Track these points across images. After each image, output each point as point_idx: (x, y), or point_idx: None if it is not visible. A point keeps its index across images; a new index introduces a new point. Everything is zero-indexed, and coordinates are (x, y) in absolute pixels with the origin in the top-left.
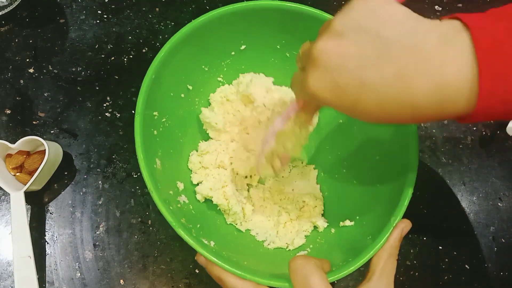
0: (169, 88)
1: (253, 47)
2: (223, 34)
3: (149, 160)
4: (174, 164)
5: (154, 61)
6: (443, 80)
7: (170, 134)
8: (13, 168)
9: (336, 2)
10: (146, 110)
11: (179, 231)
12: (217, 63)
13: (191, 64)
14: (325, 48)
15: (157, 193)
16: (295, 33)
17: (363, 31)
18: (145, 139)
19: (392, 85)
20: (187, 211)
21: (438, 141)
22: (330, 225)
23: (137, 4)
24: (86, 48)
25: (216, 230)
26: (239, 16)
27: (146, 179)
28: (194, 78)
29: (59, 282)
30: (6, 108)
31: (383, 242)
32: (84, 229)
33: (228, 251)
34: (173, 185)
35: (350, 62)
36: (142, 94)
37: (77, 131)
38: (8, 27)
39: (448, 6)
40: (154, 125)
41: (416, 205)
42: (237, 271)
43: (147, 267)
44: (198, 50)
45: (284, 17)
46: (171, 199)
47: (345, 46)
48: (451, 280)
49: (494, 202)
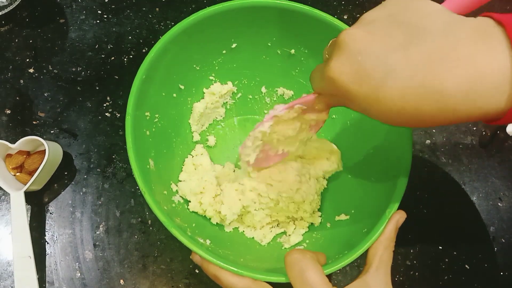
0: (160, 88)
1: (244, 45)
2: (214, 33)
3: (142, 160)
4: (168, 164)
5: (144, 62)
6: (477, 70)
7: (163, 134)
8: (13, 168)
9: (336, 2)
10: (137, 110)
11: (172, 230)
12: (208, 62)
13: (182, 63)
14: (352, 32)
15: (150, 193)
16: (286, 30)
17: (394, 20)
18: (137, 140)
19: (419, 69)
20: (182, 210)
21: (438, 141)
22: (326, 219)
23: (137, 4)
24: (86, 48)
25: (212, 229)
26: (230, 14)
27: (138, 180)
28: (185, 77)
29: (59, 282)
30: (6, 108)
31: (378, 234)
32: (84, 229)
33: (224, 249)
34: (167, 185)
35: (377, 45)
36: (133, 95)
37: (77, 131)
38: (8, 27)
39: None
40: (146, 125)
41: (416, 205)
42: (233, 268)
43: (147, 267)
44: (189, 49)
45: (275, 14)
46: (166, 199)
47: (373, 31)
48: (451, 280)
49: (494, 202)
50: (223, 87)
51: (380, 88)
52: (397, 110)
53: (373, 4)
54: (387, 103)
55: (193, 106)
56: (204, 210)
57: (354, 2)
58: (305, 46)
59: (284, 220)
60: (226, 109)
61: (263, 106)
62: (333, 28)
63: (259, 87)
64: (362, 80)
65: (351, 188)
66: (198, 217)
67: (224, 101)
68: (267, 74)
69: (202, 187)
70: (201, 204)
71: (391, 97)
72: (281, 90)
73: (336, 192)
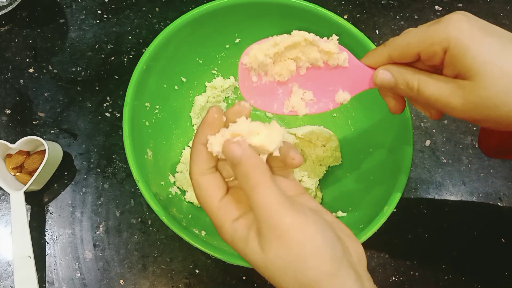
0: (161, 80)
1: (248, 40)
2: (218, 27)
3: (139, 150)
4: (167, 155)
5: (146, 52)
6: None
7: (163, 125)
8: (13, 168)
9: (336, 2)
10: (136, 100)
11: (164, 218)
12: (211, 56)
13: (185, 56)
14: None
15: (143, 182)
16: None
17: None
18: (135, 129)
19: None
20: (178, 201)
21: (438, 141)
22: None
23: (137, 4)
24: (86, 48)
25: (207, 220)
26: (234, 9)
27: (132, 168)
28: (188, 70)
29: (59, 282)
30: (6, 108)
31: (375, 230)
32: (84, 229)
33: (219, 240)
34: (165, 176)
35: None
36: (132, 84)
37: (77, 131)
38: (8, 27)
39: (448, 6)
40: (146, 116)
41: (416, 205)
42: (226, 258)
43: (147, 267)
44: (192, 42)
45: (279, 11)
46: (162, 190)
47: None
48: (451, 280)
49: (494, 202)
50: (225, 81)
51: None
52: None
53: (373, 3)
54: None
55: (194, 99)
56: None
57: (354, 2)
58: None
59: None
60: (227, 103)
61: None
62: (337, 27)
63: None
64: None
65: (349, 186)
66: (194, 208)
67: (226, 96)
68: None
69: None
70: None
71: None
72: None
73: (334, 190)
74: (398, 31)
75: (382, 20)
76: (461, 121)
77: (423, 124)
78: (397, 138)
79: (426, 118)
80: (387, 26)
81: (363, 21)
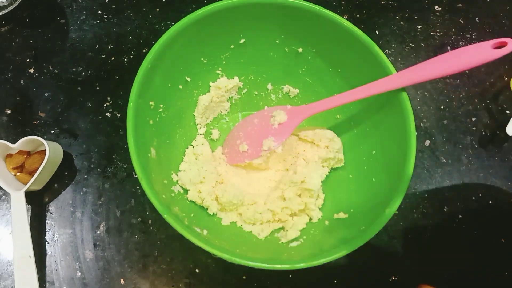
0: (166, 79)
1: (253, 41)
2: (223, 28)
3: (143, 148)
4: (170, 154)
5: (151, 52)
6: None
7: (166, 124)
8: (13, 168)
9: (336, 2)
10: (140, 98)
11: (166, 216)
12: (216, 56)
13: (189, 55)
14: None
15: (146, 180)
16: (294, 28)
17: None
18: (139, 127)
19: None
20: (181, 200)
21: (438, 141)
22: (324, 217)
23: (137, 4)
24: (87, 48)
25: (210, 219)
26: (239, 10)
27: (135, 165)
28: (192, 70)
29: (60, 282)
30: (6, 108)
31: (376, 231)
32: (85, 229)
33: (221, 239)
34: (168, 174)
35: None
36: (137, 83)
37: (78, 131)
38: (9, 27)
39: (448, 6)
40: (150, 114)
41: (416, 205)
42: (227, 255)
43: (147, 267)
44: (197, 42)
45: (284, 12)
46: (165, 189)
47: None
48: (451, 279)
49: (493, 202)
50: (230, 81)
51: None
52: None
53: (373, 4)
54: None
55: (198, 99)
56: (202, 200)
57: (354, 3)
58: (313, 45)
59: (285, 217)
60: (231, 103)
61: (269, 102)
62: (341, 29)
63: (265, 83)
64: None
65: (351, 187)
66: (196, 207)
67: (230, 96)
68: (273, 71)
69: (202, 176)
70: (200, 192)
71: None
72: (287, 87)
73: (336, 191)
74: (398, 31)
75: (382, 21)
76: (461, 121)
77: (422, 124)
78: (400, 141)
79: (426, 118)
80: (387, 26)
81: (363, 21)
